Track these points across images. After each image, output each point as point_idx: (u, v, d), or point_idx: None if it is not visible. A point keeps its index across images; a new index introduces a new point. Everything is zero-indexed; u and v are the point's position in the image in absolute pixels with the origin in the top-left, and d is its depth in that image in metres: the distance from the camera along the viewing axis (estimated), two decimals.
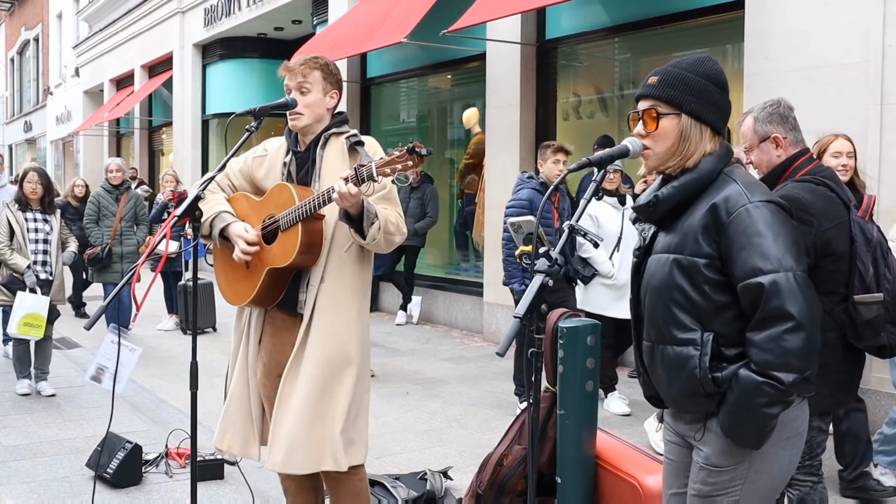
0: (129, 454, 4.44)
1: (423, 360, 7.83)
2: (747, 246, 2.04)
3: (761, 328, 2.03)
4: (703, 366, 2.09)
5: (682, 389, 2.15)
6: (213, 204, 3.16)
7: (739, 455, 2.14)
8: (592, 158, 2.32)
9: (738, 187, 2.11)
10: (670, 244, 2.19)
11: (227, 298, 3.27)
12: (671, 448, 2.39)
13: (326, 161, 3.12)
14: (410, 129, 11.67)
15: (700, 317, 2.12)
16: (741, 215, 2.06)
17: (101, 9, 20.54)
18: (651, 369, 2.28)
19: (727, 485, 2.16)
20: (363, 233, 2.94)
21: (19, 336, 6.18)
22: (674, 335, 2.15)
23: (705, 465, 2.18)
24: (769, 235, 2.04)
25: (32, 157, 29.21)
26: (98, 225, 8.08)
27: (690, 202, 2.17)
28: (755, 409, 2.03)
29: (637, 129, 2.23)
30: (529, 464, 2.64)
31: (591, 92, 8.76)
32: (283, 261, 2.99)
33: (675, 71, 2.19)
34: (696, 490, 2.22)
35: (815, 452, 3.08)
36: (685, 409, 2.22)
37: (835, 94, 5.56)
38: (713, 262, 2.10)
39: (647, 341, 2.26)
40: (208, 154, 16.39)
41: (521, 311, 2.08)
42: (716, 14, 6.99)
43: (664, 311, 2.17)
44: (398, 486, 4.06)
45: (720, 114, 2.20)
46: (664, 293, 2.17)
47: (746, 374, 2.04)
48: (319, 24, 12.22)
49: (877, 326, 2.97)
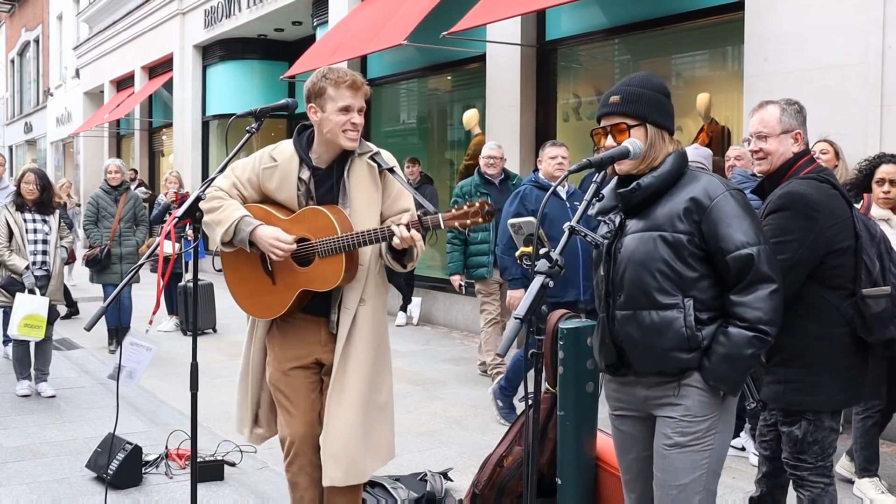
0: (129, 455, 4.44)
1: (423, 361, 7.83)
2: (732, 224, 2.43)
3: (750, 290, 2.43)
4: (688, 324, 2.44)
5: (668, 347, 2.46)
6: (232, 209, 3.08)
7: (714, 407, 2.49)
8: (593, 160, 2.47)
9: (714, 179, 2.52)
10: (648, 225, 2.51)
11: (247, 309, 3.23)
12: (625, 420, 2.68)
13: (355, 184, 3.10)
14: (411, 130, 11.68)
15: (681, 284, 2.46)
16: (723, 200, 2.45)
17: (102, 10, 20.56)
18: (627, 336, 2.53)
19: (704, 434, 2.48)
20: (404, 265, 3.08)
21: (20, 337, 6.17)
22: (657, 301, 2.47)
23: (684, 417, 2.48)
24: (746, 216, 2.46)
25: (33, 159, 29.23)
26: (97, 226, 8.08)
27: (664, 192, 2.51)
28: (744, 359, 2.43)
29: (608, 143, 2.54)
30: (526, 465, 2.64)
31: (591, 93, 8.76)
32: (323, 286, 3.06)
33: (631, 89, 2.54)
34: (673, 442, 2.49)
35: (826, 453, 3.06)
36: (664, 367, 2.49)
37: (835, 96, 5.57)
38: (693, 239, 2.46)
39: (625, 310, 2.53)
40: (208, 155, 16.39)
41: (522, 312, 2.10)
42: (716, 15, 6.99)
43: (650, 280, 2.47)
44: (398, 488, 4.06)
45: (671, 119, 2.60)
46: (650, 264, 2.48)
47: (736, 330, 2.42)
48: (319, 26, 12.23)
49: (886, 319, 3.01)
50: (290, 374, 3.21)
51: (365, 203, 3.10)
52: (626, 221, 2.58)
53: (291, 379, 3.21)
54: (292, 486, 3.29)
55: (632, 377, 2.59)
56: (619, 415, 2.70)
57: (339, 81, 3.00)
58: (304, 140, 3.16)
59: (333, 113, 3.00)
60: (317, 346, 3.21)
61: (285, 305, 3.11)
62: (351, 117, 3.01)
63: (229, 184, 3.16)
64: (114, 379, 3.30)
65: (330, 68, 3.08)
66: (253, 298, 3.19)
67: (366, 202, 3.10)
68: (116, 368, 3.35)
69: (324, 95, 3.01)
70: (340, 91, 3.00)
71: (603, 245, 2.60)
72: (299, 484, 3.26)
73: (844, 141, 5.09)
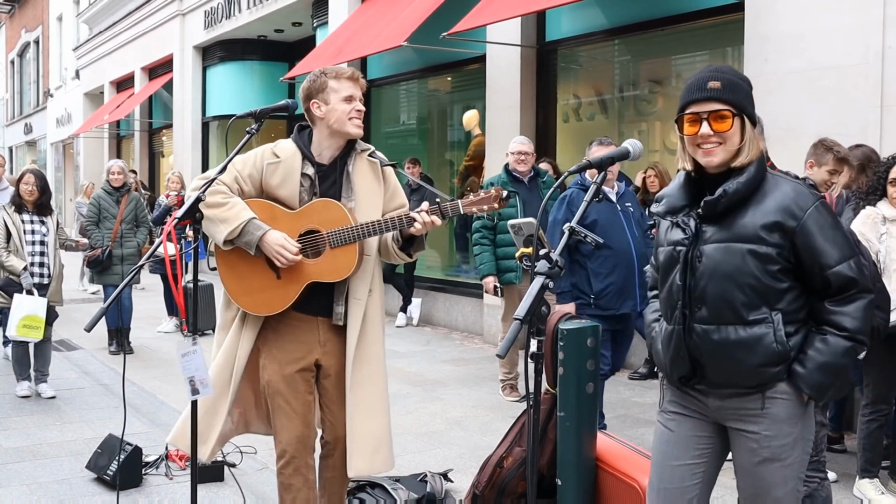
0: (129, 456, 4.44)
1: (423, 362, 7.83)
2: (828, 238, 2.35)
3: (851, 301, 2.37)
4: (779, 340, 2.36)
5: (757, 362, 2.36)
6: (240, 209, 3.08)
7: (798, 417, 2.41)
8: (593, 160, 2.45)
9: (799, 187, 2.41)
10: (734, 236, 2.38)
11: (246, 306, 3.20)
12: (681, 420, 2.54)
13: (358, 179, 3.18)
14: (411, 130, 11.68)
15: (769, 299, 2.37)
16: (814, 213, 2.36)
17: (102, 11, 20.56)
18: (709, 351, 2.41)
19: (792, 447, 2.41)
20: (410, 254, 3.18)
21: (18, 338, 6.17)
22: (744, 316, 2.37)
23: (769, 431, 2.40)
24: (839, 228, 2.40)
25: (33, 160, 29.22)
26: (98, 227, 8.08)
27: (749, 197, 2.38)
28: (841, 368, 2.37)
29: (703, 131, 2.37)
30: (529, 466, 2.64)
31: (591, 94, 8.76)
32: (334, 277, 3.11)
33: (728, 77, 2.41)
34: (762, 458, 2.41)
35: (819, 448, 3.11)
36: (750, 382, 2.40)
37: (835, 96, 5.57)
38: (783, 252, 2.35)
39: (707, 324, 2.41)
40: (208, 156, 16.39)
41: (522, 312, 2.10)
42: (716, 16, 6.99)
43: (738, 295, 2.37)
44: (398, 488, 4.06)
45: (753, 115, 2.47)
46: (738, 279, 2.36)
47: (836, 339, 2.36)
48: (319, 27, 12.23)
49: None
50: (291, 376, 3.20)
51: (369, 197, 3.18)
52: (703, 227, 2.44)
53: (292, 381, 3.20)
54: (286, 487, 3.27)
55: (704, 387, 2.48)
56: (677, 413, 2.56)
57: (339, 74, 3.14)
58: (305, 138, 3.22)
59: (338, 103, 3.11)
60: (315, 347, 3.22)
61: (291, 299, 3.12)
62: (355, 105, 3.13)
63: (231, 178, 3.15)
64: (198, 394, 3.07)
65: (327, 67, 3.20)
66: (253, 294, 3.17)
67: (369, 196, 3.18)
68: (191, 383, 3.11)
69: (326, 90, 3.12)
70: (342, 83, 3.13)
71: (678, 252, 2.46)
72: (293, 485, 3.25)
73: (844, 141, 5.08)
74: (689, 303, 2.44)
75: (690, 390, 2.51)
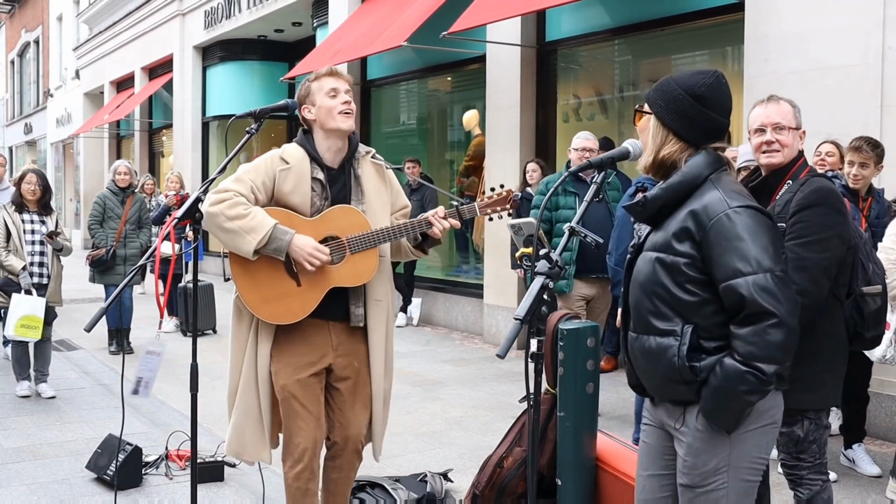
0: (129, 456, 4.43)
1: (423, 362, 7.83)
2: (728, 249, 2.18)
3: (746, 323, 2.18)
4: (681, 354, 2.24)
5: (662, 376, 2.31)
6: (262, 216, 3.01)
7: (719, 441, 2.27)
8: (593, 160, 2.47)
9: (718, 193, 2.24)
10: (656, 243, 2.33)
11: (265, 315, 3.13)
12: (649, 431, 2.53)
13: (367, 181, 3.23)
14: (410, 131, 11.68)
15: (681, 310, 2.26)
16: (721, 221, 2.20)
17: (102, 11, 20.56)
18: (634, 359, 2.42)
19: (713, 473, 2.29)
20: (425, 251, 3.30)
21: (16, 338, 6.17)
22: (655, 326, 2.30)
23: (688, 455, 2.31)
24: (747, 239, 2.18)
25: (33, 160, 29.23)
26: (102, 227, 8.07)
27: (677, 204, 2.29)
28: (737, 395, 2.19)
29: (640, 124, 2.50)
30: (529, 466, 2.64)
31: (591, 94, 8.76)
32: (355, 282, 3.15)
33: (668, 77, 2.39)
34: (686, 482, 2.34)
35: (822, 451, 3.10)
36: (665, 396, 2.37)
37: (835, 97, 5.56)
38: (694, 262, 2.24)
39: (633, 332, 2.41)
40: (208, 156, 16.39)
41: (522, 312, 2.10)
42: (716, 16, 6.99)
43: (648, 305, 2.32)
44: (398, 488, 4.06)
45: (685, 122, 2.32)
46: (648, 288, 2.32)
47: (731, 363, 2.18)
48: (319, 27, 12.23)
49: (879, 317, 3.08)
50: (307, 380, 3.18)
51: (378, 199, 3.22)
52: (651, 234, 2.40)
53: (307, 386, 3.18)
54: (303, 492, 3.20)
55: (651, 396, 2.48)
56: (647, 424, 2.54)
57: (318, 75, 3.19)
58: (311, 141, 3.20)
59: (324, 100, 3.13)
60: (328, 350, 3.21)
61: (312, 306, 3.12)
62: (341, 98, 3.14)
63: (247, 189, 3.05)
64: (137, 394, 3.30)
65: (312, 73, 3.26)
66: (273, 303, 3.11)
67: (379, 199, 3.23)
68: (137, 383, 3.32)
69: (311, 93, 3.17)
70: (322, 81, 3.17)
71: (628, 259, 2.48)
72: (310, 490, 3.21)
73: (845, 141, 5.09)
74: (628, 310, 2.46)
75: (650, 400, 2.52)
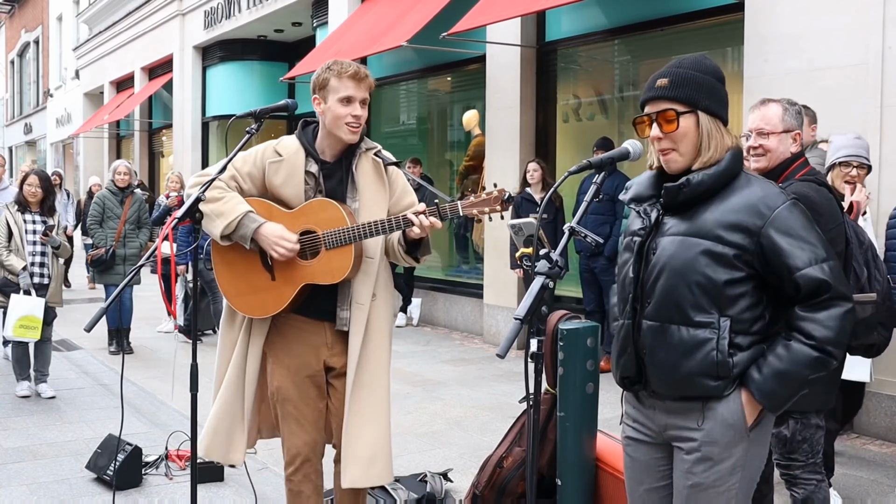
0: (128, 456, 4.44)
1: (423, 362, 7.83)
2: (798, 239, 2.16)
3: (823, 307, 2.15)
4: (721, 349, 2.17)
5: (694, 370, 2.20)
6: (236, 202, 2.99)
7: (738, 442, 2.22)
8: (593, 161, 2.41)
9: (770, 187, 2.23)
10: (693, 230, 2.22)
11: (240, 307, 3.10)
12: (636, 446, 2.44)
13: (362, 178, 3.08)
14: (411, 130, 11.68)
15: (720, 302, 2.19)
16: (784, 212, 2.17)
17: (102, 11, 20.56)
18: (652, 348, 2.27)
19: (729, 474, 2.23)
20: (417, 258, 3.05)
21: (15, 338, 6.17)
22: (690, 317, 2.20)
23: (705, 455, 2.22)
24: (811, 228, 2.19)
25: (32, 160, 29.20)
26: (102, 227, 8.07)
27: (715, 193, 2.22)
28: (800, 379, 2.16)
29: (653, 133, 2.24)
30: (529, 466, 2.65)
31: (591, 94, 8.76)
32: (329, 279, 2.99)
33: (681, 71, 2.23)
34: (694, 482, 2.25)
35: (815, 450, 3.12)
36: (684, 391, 2.24)
37: (834, 97, 5.56)
38: (743, 255, 2.18)
39: (652, 321, 2.27)
40: (208, 156, 16.39)
41: (522, 312, 2.09)
42: (715, 16, 6.99)
43: (685, 293, 2.20)
44: (398, 489, 4.06)
45: (726, 108, 2.28)
46: (688, 275, 2.20)
47: (801, 346, 2.14)
48: (319, 27, 12.23)
49: (870, 325, 3.10)
50: (303, 382, 3.13)
51: (373, 197, 3.07)
52: (665, 218, 2.28)
53: (303, 388, 3.13)
54: (295, 494, 3.18)
55: (652, 399, 2.35)
56: (632, 438, 2.45)
57: (341, 72, 2.97)
58: (309, 134, 3.12)
59: (335, 104, 2.97)
60: (323, 350, 3.13)
61: (284, 302, 3.03)
62: (352, 109, 2.97)
63: (228, 176, 3.05)
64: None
65: (335, 60, 3.04)
66: (247, 296, 3.08)
67: (374, 196, 3.08)
68: None
69: (327, 87, 2.99)
70: (343, 81, 2.96)
71: (634, 242, 2.32)
72: (303, 492, 3.18)
73: None
74: (641, 296, 2.30)
75: (641, 406, 2.40)
